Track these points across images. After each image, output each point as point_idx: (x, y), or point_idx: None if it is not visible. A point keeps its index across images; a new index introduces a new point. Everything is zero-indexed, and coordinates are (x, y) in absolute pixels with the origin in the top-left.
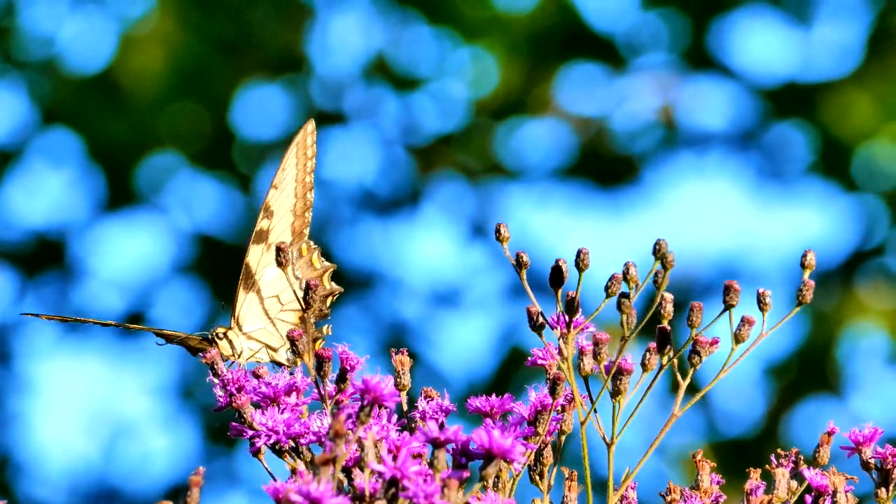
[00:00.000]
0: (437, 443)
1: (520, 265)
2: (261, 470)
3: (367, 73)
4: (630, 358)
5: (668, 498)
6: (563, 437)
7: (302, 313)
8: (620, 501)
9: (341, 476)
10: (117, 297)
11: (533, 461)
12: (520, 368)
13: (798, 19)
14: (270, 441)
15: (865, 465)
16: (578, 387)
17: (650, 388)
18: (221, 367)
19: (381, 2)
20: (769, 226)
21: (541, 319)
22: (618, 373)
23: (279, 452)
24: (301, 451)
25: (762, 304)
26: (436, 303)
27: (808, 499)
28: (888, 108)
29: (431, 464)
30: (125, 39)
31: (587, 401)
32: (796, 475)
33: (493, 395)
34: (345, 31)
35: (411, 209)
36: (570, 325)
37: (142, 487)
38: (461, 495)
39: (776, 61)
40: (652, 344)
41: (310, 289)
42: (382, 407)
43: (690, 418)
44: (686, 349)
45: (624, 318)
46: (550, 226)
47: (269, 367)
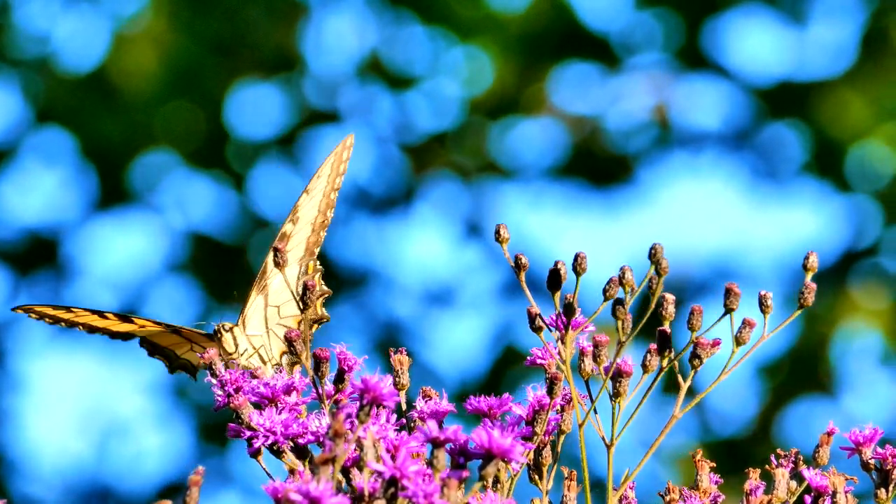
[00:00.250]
0: (436, 442)
1: (519, 267)
2: (253, 469)
3: (361, 72)
4: (630, 360)
5: (668, 498)
6: (562, 437)
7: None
8: (620, 502)
9: (339, 476)
10: (110, 295)
11: (532, 461)
12: (513, 367)
13: (792, 19)
14: (268, 442)
15: (865, 466)
16: (577, 388)
17: (650, 389)
18: (220, 367)
19: (375, 1)
20: (763, 225)
21: (540, 321)
22: (617, 374)
23: (277, 453)
24: (299, 450)
25: (764, 307)
26: (429, 302)
27: (808, 499)
28: (882, 108)
29: (430, 463)
30: (119, 38)
31: (586, 401)
32: (796, 475)
33: (485, 394)
34: (339, 30)
35: (405, 208)
36: (569, 327)
37: (135, 486)
38: (461, 495)
39: (770, 61)
40: (652, 345)
41: (307, 289)
42: (381, 407)
43: (684, 418)
44: (687, 351)
45: (619, 323)
46: (544, 225)
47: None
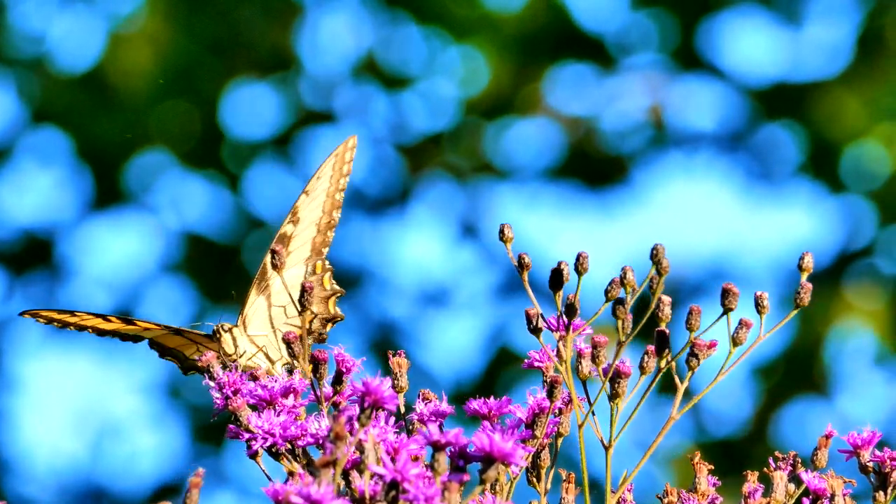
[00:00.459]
0: (437, 445)
1: (522, 267)
2: (249, 470)
3: (357, 72)
4: (628, 361)
5: (666, 500)
6: (561, 440)
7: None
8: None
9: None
10: (105, 295)
11: (530, 463)
12: (507, 368)
13: (787, 20)
14: (267, 444)
15: (864, 469)
16: (576, 389)
17: (648, 390)
18: (217, 369)
19: (371, 1)
20: (758, 226)
21: (539, 322)
22: (616, 376)
23: (276, 455)
24: (298, 453)
25: (760, 307)
26: (424, 302)
27: (806, 502)
28: (877, 108)
29: (430, 466)
30: (114, 38)
31: (585, 403)
32: (794, 478)
33: (480, 395)
34: (334, 30)
35: (401, 208)
36: (570, 328)
37: (129, 486)
38: (461, 498)
39: (765, 62)
40: (650, 347)
41: (305, 291)
42: (381, 409)
43: (680, 419)
44: (684, 352)
45: (619, 323)
46: (540, 226)
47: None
